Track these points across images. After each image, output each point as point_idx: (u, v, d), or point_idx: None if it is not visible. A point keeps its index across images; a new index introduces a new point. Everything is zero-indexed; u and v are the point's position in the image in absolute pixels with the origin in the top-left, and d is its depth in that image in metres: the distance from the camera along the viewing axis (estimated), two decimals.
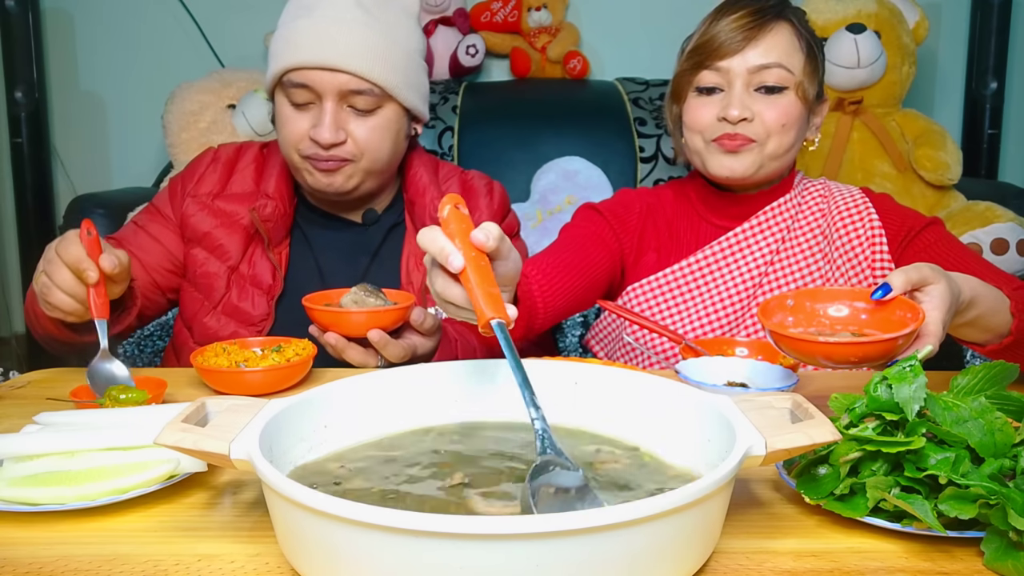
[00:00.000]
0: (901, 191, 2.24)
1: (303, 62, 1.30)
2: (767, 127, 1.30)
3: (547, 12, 2.71)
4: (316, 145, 1.32)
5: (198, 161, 1.49)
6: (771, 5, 1.33)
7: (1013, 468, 0.71)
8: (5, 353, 2.87)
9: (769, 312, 0.96)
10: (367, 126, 1.34)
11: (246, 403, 0.75)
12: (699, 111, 1.33)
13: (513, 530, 0.54)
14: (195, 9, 2.73)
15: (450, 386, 0.87)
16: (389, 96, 1.34)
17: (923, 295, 0.93)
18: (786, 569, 0.67)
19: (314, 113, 1.33)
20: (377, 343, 1.17)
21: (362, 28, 1.31)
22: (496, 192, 1.52)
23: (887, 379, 0.76)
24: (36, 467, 0.79)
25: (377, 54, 1.31)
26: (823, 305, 0.96)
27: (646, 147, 2.41)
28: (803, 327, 0.96)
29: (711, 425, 0.75)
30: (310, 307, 1.19)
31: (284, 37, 1.33)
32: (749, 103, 1.30)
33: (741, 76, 1.30)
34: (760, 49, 1.30)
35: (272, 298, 1.38)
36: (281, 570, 0.67)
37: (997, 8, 2.71)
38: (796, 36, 1.32)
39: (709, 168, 1.34)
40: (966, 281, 1.00)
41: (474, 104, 2.51)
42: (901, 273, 0.92)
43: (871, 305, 0.93)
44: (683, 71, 1.36)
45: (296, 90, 1.31)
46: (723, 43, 1.30)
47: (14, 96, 2.66)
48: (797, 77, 1.30)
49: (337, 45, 1.29)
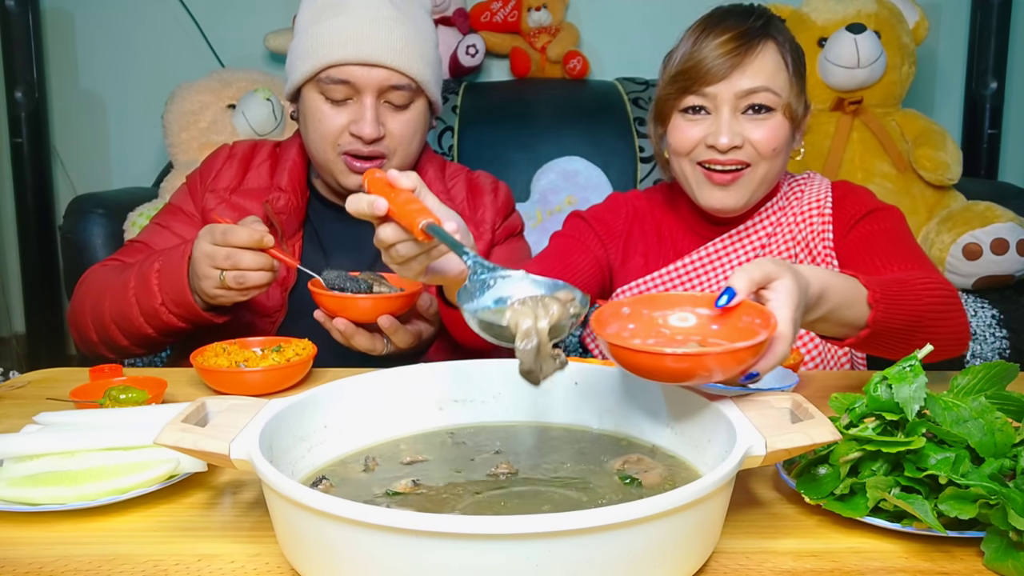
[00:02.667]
0: (901, 191, 2.24)
1: (344, 58, 1.31)
2: (758, 151, 1.28)
3: (547, 12, 2.71)
4: (357, 140, 1.34)
5: (214, 157, 1.50)
6: (756, 26, 1.29)
7: (1013, 468, 0.71)
8: (5, 353, 2.87)
9: (603, 322, 0.81)
10: (402, 120, 1.36)
11: (246, 403, 0.75)
12: (685, 133, 1.30)
13: (513, 530, 0.54)
14: (195, 9, 2.73)
15: (451, 386, 0.87)
16: (421, 90, 1.37)
17: (769, 292, 0.84)
18: (786, 569, 0.67)
19: (352, 109, 1.34)
20: (387, 329, 1.19)
21: (397, 24, 1.33)
22: (501, 191, 1.52)
23: (887, 379, 0.76)
24: (36, 467, 0.79)
25: (414, 49, 1.34)
26: (663, 313, 0.84)
27: (646, 147, 2.41)
28: (641, 338, 0.81)
29: (711, 425, 0.75)
30: (317, 292, 1.19)
31: (318, 35, 1.34)
32: (737, 128, 1.27)
33: (728, 101, 1.27)
34: (748, 74, 1.26)
35: (286, 290, 1.39)
36: (281, 570, 0.67)
37: (997, 8, 2.71)
38: (781, 54, 1.29)
39: (700, 200, 1.33)
40: (815, 274, 0.94)
41: (474, 104, 2.51)
42: (743, 272, 0.83)
43: (716, 312, 0.82)
44: (667, 95, 1.33)
45: (335, 86, 1.32)
46: (709, 69, 1.27)
47: (14, 96, 2.65)
48: (784, 99, 1.28)
49: (377, 40, 1.31)
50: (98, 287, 1.35)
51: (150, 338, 1.31)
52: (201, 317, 1.25)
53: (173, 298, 1.24)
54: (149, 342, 1.33)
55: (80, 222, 2.12)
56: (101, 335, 1.34)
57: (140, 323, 1.28)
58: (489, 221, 1.48)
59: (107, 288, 1.32)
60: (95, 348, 1.38)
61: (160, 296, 1.25)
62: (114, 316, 1.30)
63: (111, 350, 1.37)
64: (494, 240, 1.48)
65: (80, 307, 1.36)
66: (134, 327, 1.29)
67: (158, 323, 1.27)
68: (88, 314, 1.34)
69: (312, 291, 1.20)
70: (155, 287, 1.25)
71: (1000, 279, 2.13)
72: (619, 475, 0.76)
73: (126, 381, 1.05)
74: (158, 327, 1.28)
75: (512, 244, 1.52)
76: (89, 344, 1.38)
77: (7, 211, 2.84)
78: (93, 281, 1.37)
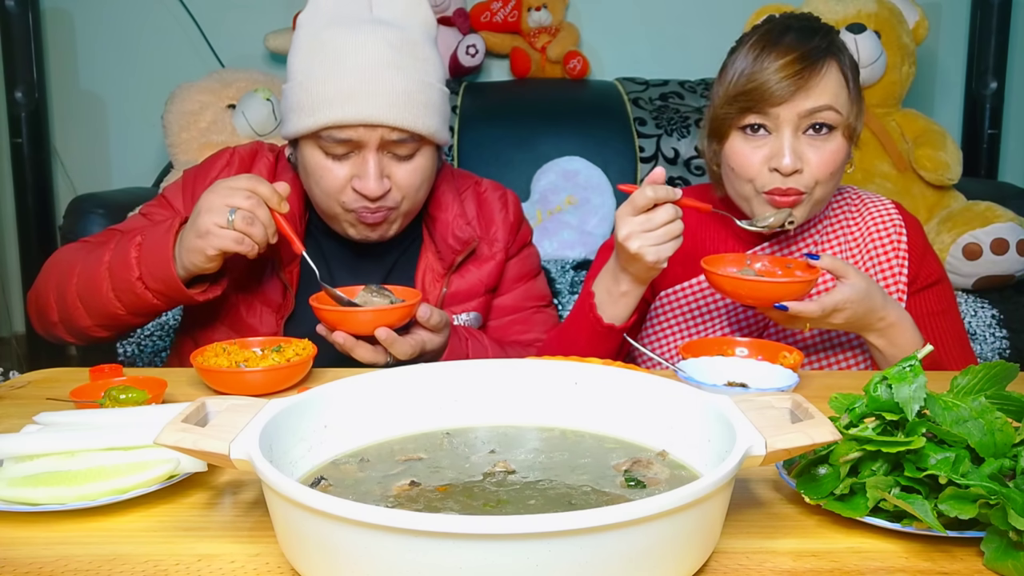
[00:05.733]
0: (901, 191, 2.24)
1: (343, 119, 1.25)
2: (815, 176, 1.26)
3: (547, 12, 2.71)
4: (362, 198, 1.29)
5: (215, 159, 1.46)
6: (822, 47, 1.26)
7: (1013, 468, 0.71)
8: (5, 353, 2.87)
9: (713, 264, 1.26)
10: (406, 170, 1.31)
11: (246, 403, 0.75)
12: (747, 158, 1.28)
13: (513, 530, 0.54)
14: (195, 9, 2.73)
15: (450, 386, 0.87)
16: (427, 139, 1.32)
17: (838, 283, 1.20)
18: (786, 569, 0.67)
19: (353, 163, 1.29)
20: (384, 341, 1.18)
21: (399, 75, 1.27)
22: (511, 205, 1.51)
23: (887, 379, 0.76)
24: (36, 467, 0.79)
25: (416, 101, 1.28)
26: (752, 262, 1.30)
27: (646, 147, 2.41)
28: None
29: (711, 425, 0.75)
30: (318, 307, 1.19)
31: (315, 92, 1.28)
32: (799, 150, 1.26)
33: (791, 121, 1.25)
34: (812, 96, 1.24)
35: (282, 318, 1.37)
36: (281, 570, 0.67)
37: (997, 8, 2.71)
38: (843, 73, 1.27)
39: None
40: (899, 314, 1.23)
41: (474, 104, 2.51)
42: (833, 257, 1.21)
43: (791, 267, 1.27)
44: (726, 114, 1.30)
45: (335, 144, 1.28)
46: (772, 91, 1.24)
47: (14, 96, 2.66)
48: (845, 118, 1.27)
49: (378, 99, 1.25)
50: (67, 264, 1.31)
51: (117, 317, 1.27)
52: (181, 292, 1.22)
53: (152, 271, 1.21)
54: (115, 322, 1.29)
55: (80, 222, 2.12)
56: (63, 314, 1.30)
57: (109, 299, 1.24)
58: (502, 240, 1.47)
59: (76, 264, 1.29)
60: (52, 329, 1.34)
61: (138, 269, 1.22)
62: (81, 292, 1.27)
63: (69, 331, 1.33)
64: (508, 255, 1.48)
65: (44, 284, 1.32)
66: (101, 303, 1.25)
67: (130, 299, 1.24)
68: (52, 290, 1.30)
69: (313, 306, 1.20)
70: (134, 260, 1.22)
71: (1000, 279, 2.13)
72: (620, 475, 0.76)
73: (126, 381, 1.05)
74: (129, 304, 1.25)
75: (524, 255, 1.52)
76: (47, 324, 1.34)
77: (7, 211, 2.84)
78: (62, 259, 1.34)
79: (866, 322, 1.22)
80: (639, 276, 1.25)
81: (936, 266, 1.39)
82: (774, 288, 1.19)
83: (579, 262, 2.21)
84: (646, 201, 1.19)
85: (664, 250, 1.20)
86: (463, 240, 1.41)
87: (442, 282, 1.41)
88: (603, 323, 1.28)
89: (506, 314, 1.48)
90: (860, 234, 1.38)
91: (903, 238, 1.37)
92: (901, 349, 1.23)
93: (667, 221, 1.20)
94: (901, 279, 1.36)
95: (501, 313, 1.48)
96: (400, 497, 0.72)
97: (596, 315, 1.29)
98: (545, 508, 0.70)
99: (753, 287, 1.19)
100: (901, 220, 1.38)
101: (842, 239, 1.39)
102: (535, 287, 1.52)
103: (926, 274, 1.37)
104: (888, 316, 1.22)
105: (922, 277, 1.37)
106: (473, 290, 1.43)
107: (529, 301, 1.50)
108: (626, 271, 1.26)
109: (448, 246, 1.41)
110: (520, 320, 1.48)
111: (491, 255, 1.45)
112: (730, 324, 1.40)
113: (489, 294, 1.46)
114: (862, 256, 1.38)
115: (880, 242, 1.37)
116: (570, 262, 2.21)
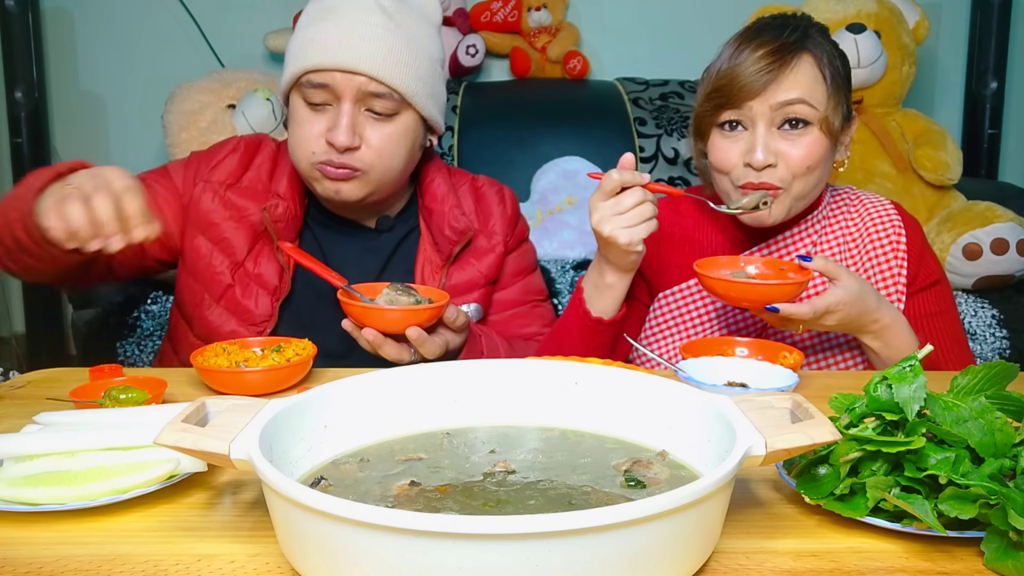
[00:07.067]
0: (901, 191, 2.24)
1: (323, 63, 1.28)
2: (792, 170, 1.27)
3: (547, 12, 2.71)
4: (331, 149, 1.30)
5: (220, 146, 1.46)
6: (792, 40, 1.27)
7: (1013, 468, 0.71)
8: (5, 353, 2.87)
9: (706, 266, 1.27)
10: (383, 132, 1.32)
11: (246, 403, 0.75)
12: (724, 152, 1.30)
13: (513, 530, 0.54)
14: (195, 9, 2.73)
15: (450, 386, 0.87)
16: (407, 103, 1.32)
17: (830, 285, 1.21)
18: (786, 569, 0.67)
19: (330, 115, 1.31)
20: (415, 341, 1.19)
21: (384, 32, 1.30)
22: (508, 201, 1.52)
23: (887, 379, 0.76)
24: (36, 467, 0.79)
25: (398, 59, 1.30)
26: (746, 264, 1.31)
27: (646, 147, 2.41)
28: None
29: (711, 425, 0.75)
30: (346, 302, 1.20)
31: (304, 38, 1.32)
32: (773, 145, 1.27)
33: (764, 115, 1.27)
34: (782, 87, 1.26)
35: (277, 300, 1.37)
36: (281, 570, 0.67)
37: (997, 8, 2.71)
38: (819, 67, 1.28)
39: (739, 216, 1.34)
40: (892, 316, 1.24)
41: (474, 104, 2.51)
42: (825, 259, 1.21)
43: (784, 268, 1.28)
44: (704, 111, 1.32)
45: (314, 90, 1.30)
46: (744, 85, 1.26)
47: (14, 96, 2.65)
48: (821, 112, 1.27)
49: (358, 47, 1.28)
50: None
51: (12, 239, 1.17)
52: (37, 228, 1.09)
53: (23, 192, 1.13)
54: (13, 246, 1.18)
55: None
56: None
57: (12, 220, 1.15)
58: (501, 233, 1.47)
59: None
60: None
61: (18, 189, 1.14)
62: None
63: None
64: (507, 249, 1.49)
65: None
66: None
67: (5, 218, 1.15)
68: None
69: (341, 300, 1.21)
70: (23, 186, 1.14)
71: (1000, 279, 2.13)
72: (620, 475, 0.76)
73: (126, 381, 1.05)
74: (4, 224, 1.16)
75: (523, 250, 1.53)
76: None
77: None
78: None
79: (859, 324, 1.23)
80: (620, 264, 1.27)
81: (935, 267, 1.40)
82: (765, 290, 1.19)
83: (579, 262, 2.21)
84: (613, 185, 1.21)
85: (636, 232, 1.21)
86: (459, 230, 1.42)
87: (441, 273, 1.42)
88: (591, 316, 1.30)
89: (507, 308, 1.49)
90: (859, 235, 1.39)
91: (902, 239, 1.37)
92: (896, 351, 1.24)
93: (636, 204, 1.21)
94: (900, 280, 1.36)
95: (502, 308, 1.49)
96: (400, 497, 0.72)
97: (584, 309, 1.31)
98: (545, 508, 0.70)
99: (744, 289, 1.19)
100: (900, 220, 1.39)
101: (841, 240, 1.39)
102: (533, 282, 1.54)
103: (925, 275, 1.37)
104: (882, 318, 1.23)
105: (921, 278, 1.37)
106: (473, 282, 1.44)
107: (529, 295, 1.51)
108: (608, 260, 1.27)
109: (445, 237, 1.42)
110: (521, 314, 1.49)
111: (490, 247, 1.46)
112: (729, 324, 1.40)
113: (489, 286, 1.47)
114: (861, 257, 1.38)
115: (879, 243, 1.37)
116: (570, 262, 2.21)
